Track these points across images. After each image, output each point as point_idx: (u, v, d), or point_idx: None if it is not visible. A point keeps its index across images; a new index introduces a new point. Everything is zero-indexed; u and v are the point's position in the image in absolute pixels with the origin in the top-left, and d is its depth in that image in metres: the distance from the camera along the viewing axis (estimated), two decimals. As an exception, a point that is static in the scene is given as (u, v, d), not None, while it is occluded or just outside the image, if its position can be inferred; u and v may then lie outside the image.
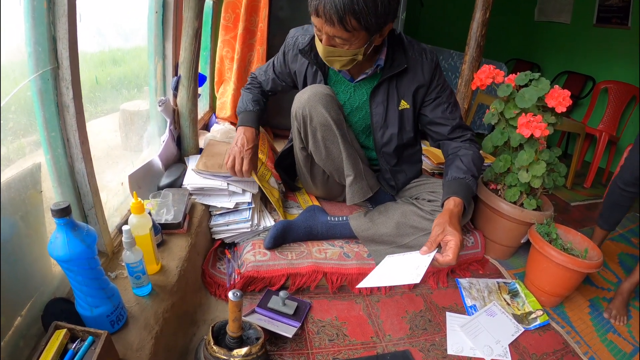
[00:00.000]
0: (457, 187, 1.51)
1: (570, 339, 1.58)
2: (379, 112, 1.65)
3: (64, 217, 0.84)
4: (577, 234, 1.81)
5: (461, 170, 1.55)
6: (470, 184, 1.53)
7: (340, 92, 1.69)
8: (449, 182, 1.55)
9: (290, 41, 1.71)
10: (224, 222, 1.70)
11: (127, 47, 1.60)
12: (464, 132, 1.68)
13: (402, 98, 1.63)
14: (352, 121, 1.74)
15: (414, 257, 1.34)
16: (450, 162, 1.62)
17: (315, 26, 1.35)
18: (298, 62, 1.71)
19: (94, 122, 1.37)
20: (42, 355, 0.84)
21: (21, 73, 0.94)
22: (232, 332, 1.16)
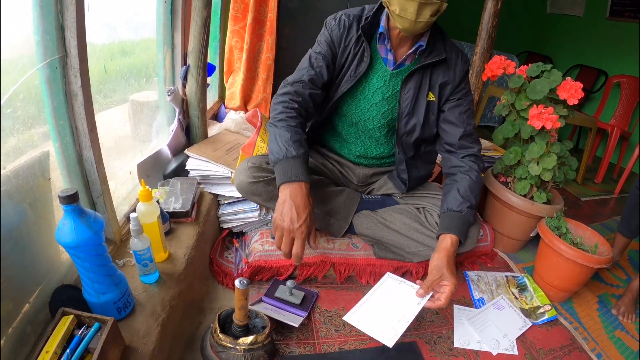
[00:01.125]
0: (453, 222, 1.47)
1: (578, 335, 1.57)
2: (407, 98, 1.56)
3: (71, 204, 0.84)
4: (587, 229, 1.79)
5: (457, 201, 1.50)
6: (466, 216, 1.49)
7: (375, 78, 1.56)
8: (445, 214, 1.51)
9: (332, 23, 1.53)
10: (232, 211, 1.70)
11: (137, 38, 1.60)
12: (472, 143, 1.61)
13: (430, 90, 1.57)
14: (381, 111, 1.61)
15: (408, 293, 1.39)
16: (448, 189, 1.57)
17: None
18: (342, 43, 1.53)
19: (104, 114, 1.37)
20: (48, 341, 0.85)
21: (29, 62, 0.94)
22: (238, 321, 1.16)
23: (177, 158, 1.74)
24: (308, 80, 1.51)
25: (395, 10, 1.33)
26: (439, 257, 1.38)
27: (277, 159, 1.37)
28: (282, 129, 1.41)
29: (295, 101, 1.47)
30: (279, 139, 1.39)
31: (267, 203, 1.56)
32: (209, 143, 1.86)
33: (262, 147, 1.74)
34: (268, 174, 1.51)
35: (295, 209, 1.29)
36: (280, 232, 1.30)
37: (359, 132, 1.68)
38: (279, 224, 1.30)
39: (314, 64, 1.52)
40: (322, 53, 1.52)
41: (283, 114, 1.45)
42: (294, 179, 1.33)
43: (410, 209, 1.69)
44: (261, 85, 2.54)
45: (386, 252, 1.67)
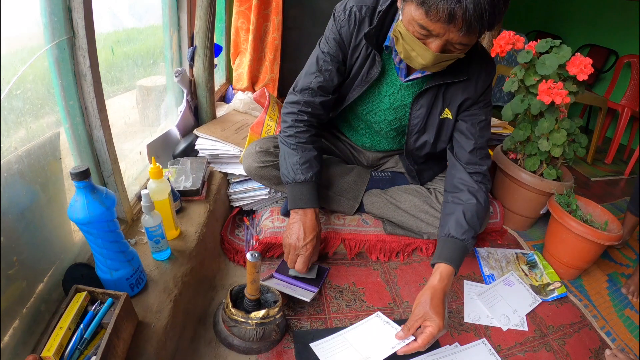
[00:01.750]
0: (454, 252, 1.33)
1: (587, 313, 1.57)
2: (419, 116, 1.46)
3: (83, 180, 0.85)
4: (597, 207, 1.78)
5: (461, 229, 1.35)
6: (468, 247, 1.36)
7: (385, 85, 1.45)
8: (446, 239, 1.36)
9: (341, 16, 1.35)
10: (242, 189, 1.71)
11: (142, 26, 1.59)
12: (481, 159, 1.48)
13: (447, 106, 1.44)
14: (388, 119, 1.53)
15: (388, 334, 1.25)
16: (451, 209, 1.42)
17: (427, 29, 1.09)
18: (353, 42, 1.38)
19: (112, 101, 1.37)
20: (62, 317, 0.86)
21: (38, 44, 0.94)
22: (250, 295, 1.17)
23: (186, 138, 1.75)
24: (317, 87, 1.43)
25: (400, 53, 1.23)
26: (426, 294, 1.24)
27: (286, 181, 1.43)
28: (291, 148, 1.43)
29: (305, 112, 1.44)
30: (288, 161, 1.43)
31: (276, 186, 1.58)
32: (218, 123, 1.86)
33: (270, 126, 1.74)
34: (276, 158, 1.52)
35: (303, 229, 1.38)
36: (287, 249, 1.40)
37: (368, 127, 1.63)
38: (286, 241, 1.40)
39: (322, 68, 1.42)
40: (332, 54, 1.40)
41: (292, 128, 1.44)
42: (302, 206, 1.42)
43: (420, 189, 1.68)
44: (268, 65, 2.52)
45: (397, 228, 1.67)
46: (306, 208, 1.41)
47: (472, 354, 1.30)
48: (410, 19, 1.10)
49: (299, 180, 1.40)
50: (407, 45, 1.17)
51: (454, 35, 1.07)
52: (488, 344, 1.34)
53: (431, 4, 1.01)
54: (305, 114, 1.44)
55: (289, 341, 1.25)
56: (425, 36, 1.11)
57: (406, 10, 1.11)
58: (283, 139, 1.45)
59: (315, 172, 1.43)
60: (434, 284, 1.26)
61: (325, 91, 1.44)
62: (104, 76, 1.12)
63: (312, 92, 1.43)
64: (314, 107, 1.44)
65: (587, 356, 1.37)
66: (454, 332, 1.37)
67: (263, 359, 1.19)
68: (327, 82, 1.43)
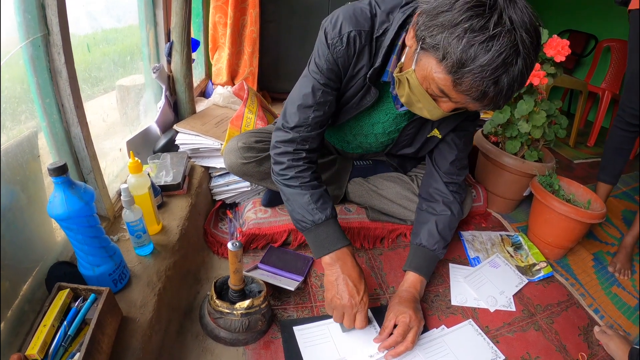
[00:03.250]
0: (423, 261, 1.36)
1: (574, 291, 1.58)
2: (408, 134, 1.43)
3: (60, 176, 0.84)
4: (579, 186, 1.79)
5: (433, 239, 1.37)
6: (438, 256, 1.38)
7: (379, 112, 1.38)
8: (417, 248, 1.39)
9: (338, 44, 1.16)
10: (224, 182, 1.71)
11: (121, 26, 1.57)
12: (459, 170, 1.47)
13: (437, 127, 1.39)
14: (379, 140, 1.50)
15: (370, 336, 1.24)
16: (424, 218, 1.43)
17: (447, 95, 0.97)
18: (350, 71, 1.22)
19: (93, 102, 1.37)
20: (45, 315, 0.85)
21: (13, 43, 0.93)
22: (233, 285, 1.16)
23: (166, 134, 1.74)
24: (314, 123, 1.27)
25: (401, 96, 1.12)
26: (394, 300, 1.26)
27: (305, 227, 1.27)
28: (297, 189, 1.27)
29: (302, 149, 1.29)
30: (297, 203, 1.27)
31: (260, 182, 1.54)
32: (198, 118, 1.85)
33: (250, 119, 1.73)
34: (259, 154, 1.47)
35: (352, 281, 1.20)
36: (341, 311, 1.20)
37: (355, 142, 1.56)
38: (338, 304, 1.19)
39: (320, 101, 1.24)
40: (330, 86, 1.24)
41: (291, 169, 1.28)
42: (335, 248, 1.24)
43: (402, 176, 1.69)
44: (247, 59, 2.52)
45: (379, 215, 1.68)
46: (339, 250, 1.24)
47: (459, 335, 1.30)
48: (428, 77, 0.96)
49: (319, 221, 1.24)
50: (413, 96, 1.06)
51: (474, 106, 0.98)
52: (475, 324, 1.34)
53: (464, 79, 0.88)
54: (303, 152, 1.29)
55: (276, 331, 1.25)
56: (439, 96, 1.00)
57: (424, 64, 0.96)
58: (284, 182, 1.29)
59: (332, 207, 1.29)
60: (402, 290, 1.31)
61: (322, 124, 1.30)
62: (84, 78, 1.12)
63: (308, 128, 1.27)
64: (311, 142, 1.30)
65: (576, 334, 1.38)
66: (441, 316, 1.37)
67: (250, 350, 1.18)
68: (325, 115, 1.28)
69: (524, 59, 0.85)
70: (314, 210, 1.24)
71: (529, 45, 0.85)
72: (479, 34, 0.82)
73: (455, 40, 0.85)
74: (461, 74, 0.87)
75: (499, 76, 0.86)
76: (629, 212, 2.28)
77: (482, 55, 0.83)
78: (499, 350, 1.26)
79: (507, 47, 0.83)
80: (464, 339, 1.29)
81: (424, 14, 0.92)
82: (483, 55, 0.83)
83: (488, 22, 0.82)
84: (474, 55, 0.84)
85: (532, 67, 0.89)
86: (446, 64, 0.88)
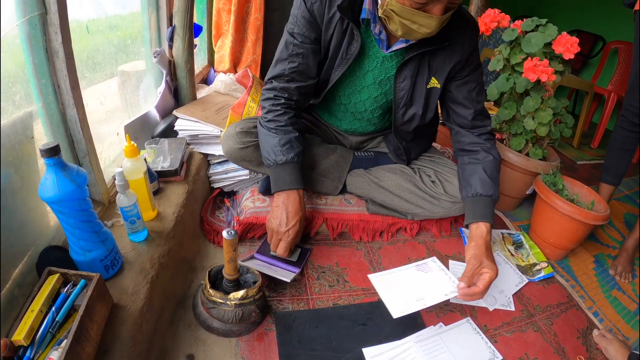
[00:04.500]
0: (486, 209, 1.37)
1: (574, 293, 1.57)
2: (404, 88, 1.41)
3: (52, 157, 0.82)
4: (583, 187, 1.78)
5: (486, 185, 1.39)
6: (496, 200, 1.41)
7: (366, 59, 1.40)
8: (475, 199, 1.40)
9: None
10: (223, 170, 1.69)
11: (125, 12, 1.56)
12: (484, 120, 1.49)
13: (433, 75, 1.40)
14: (372, 95, 1.48)
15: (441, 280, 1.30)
16: (472, 170, 1.45)
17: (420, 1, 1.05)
18: (325, 16, 1.30)
19: (92, 88, 1.35)
20: (34, 301, 0.84)
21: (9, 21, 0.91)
22: (228, 275, 1.14)
23: (166, 120, 1.72)
24: (290, 72, 1.38)
25: (396, 31, 1.18)
26: (476, 246, 1.29)
27: (268, 164, 1.40)
28: (271, 131, 1.40)
29: (281, 97, 1.41)
30: (268, 143, 1.39)
31: (257, 168, 1.54)
32: (198, 104, 1.83)
33: (252, 107, 1.71)
34: (257, 139, 1.48)
35: (287, 214, 1.35)
36: (270, 233, 1.38)
37: (348, 112, 1.58)
38: (269, 225, 1.37)
39: (293, 52, 1.36)
40: (304, 34, 1.34)
41: (270, 113, 1.41)
42: (285, 188, 1.38)
43: (405, 168, 1.65)
44: (250, 47, 2.49)
45: (380, 208, 1.65)
46: (289, 190, 1.38)
47: (457, 333, 1.29)
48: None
49: (280, 162, 1.37)
50: (405, 21, 1.11)
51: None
52: (473, 322, 1.33)
53: None
54: (282, 98, 1.40)
55: (270, 323, 1.23)
56: (424, 4, 1.05)
57: None
58: (262, 123, 1.42)
59: (297, 153, 1.39)
60: (480, 240, 1.31)
61: (302, 76, 1.40)
62: (85, 63, 1.11)
63: (286, 79, 1.39)
64: (290, 93, 1.41)
65: (574, 336, 1.37)
66: (439, 313, 1.36)
67: (244, 341, 1.16)
68: (302, 66, 1.38)
69: None
70: (279, 152, 1.36)
71: None
72: None
73: None
74: None
75: None
76: (631, 216, 2.26)
77: None
78: (496, 350, 1.24)
79: None
80: (461, 338, 1.27)
81: None
82: None
83: None
84: None
85: None
86: None
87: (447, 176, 1.59)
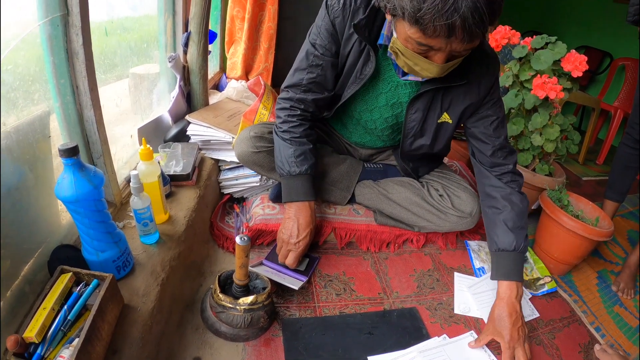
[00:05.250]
0: (511, 265, 1.31)
1: (577, 308, 1.57)
2: (415, 119, 1.40)
3: (71, 157, 0.83)
4: (588, 203, 1.79)
5: (509, 238, 1.33)
6: (522, 251, 1.34)
7: (381, 81, 1.37)
8: (497, 254, 1.36)
9: (335, 6, 1.25)
10: (233, 176, 1.70)
11: (136, 15, 1.58)
12: (505, 158, 1.41)
13: (445, 110, 1.38)
14: (384, 116, 1.47)
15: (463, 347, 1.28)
16: (492, 221, 1.40)
17: (427, 45, 1.01)
18: (346, 32, 1.28)
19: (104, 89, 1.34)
20: (46, 298, 0.84)
21: (32, 20, 0.92)
22: (238, 280, 1.15)
23: (178, 124, 1.73)
24: (308, 83, 1.37)
25: (402, 67, 1.16)
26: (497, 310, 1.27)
27: (281, 174, 1.42)
28: (286, 142, 1.40)
29: (297, 107, 1.41)
30: (282, 153, 1.40)
31: (268, 173, 1.55)
32: (210, 110, 1.84)
33: (264, 115, 1.73)
34: (270, 144, 1.49)
35: (298, 226, 1.37)
36: (280, 243, 1.39)
37: (361, 127, 1.58)
38: (279, 236, 1.40)
39: (313, 63, 1.34)
40: (325, 47, 1.31)
41: (286, 123, 1.41)
42: (297, 199, 1.40)
43: (413, 182, 1.66)
44: (263, 55, 2.51)
45: (387, 219, 1.66)
46: (301, 201, 1.40)
47: (461, 346, 1.28)
48: (406, 37, 1.02)
49: (293, 173, 1.39)
50: (408, 61, 1.10)
51: (457, 45, 0.98)
52: (476, 335, 1.33)
53: (426, 22, 0.92)
54: (298, 110, 1.40)
55: (277, 329, 1.23)
56: (426, 51, 1.04)
57: (399, 28, 1.04)
58: (278, 133, 1.42)
59: (311, 165, 1.41)
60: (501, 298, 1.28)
61: (319, 88, 1.39)
62: (98, 63, 1.11)
63: (303, 89, 1.38)
64: (306, 104, 1.41)
65: (576, 351, 1.37)
66: (443, 324, 1.36)
67: (250, 346, 1.17)
68: (320, 78, 1.36)
69: None
70: (293, 163, 1.38)
71: None
72: None
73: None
74: (422, 20, 0.92)
75: (453, 3, 0.88)
76: (634, 232, 2.26)
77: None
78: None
79: None
80: (465, 350, 1.27)
81: None
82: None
83: None
84: None
85: None
86: (409, 18, 0.95)
87: (455, 191, 1.59)
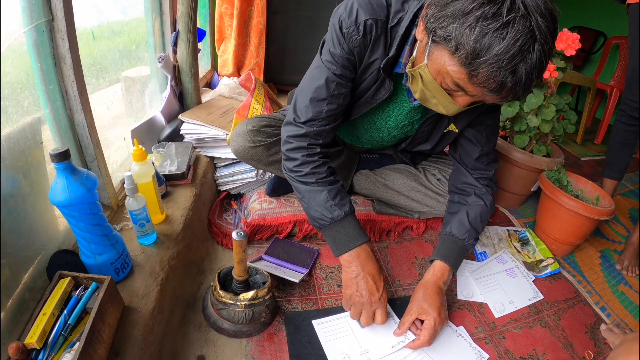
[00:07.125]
0: (452, 251, 1.29)
1: (581, 288, 1.56)
2: (424, 131, 1.38)
3: (63, 162, 0.83)
4: (588, 182, 1.78)
5: (463, 229, 1.31)
6: (467, 247, 1.32)
7: (393, 105, 1.32)
8: (446, 237, 1.33)
9: (353, 33, 1.09)
10: (229, 172, 1.70)
11: (126, 18, 1.57)
12: (487, 165, 1.40)
13: (453, 122, 1.33)
14: (392, 134, 1.43)
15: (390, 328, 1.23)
16: (455, 208, 1.38)
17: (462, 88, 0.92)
18: (366, 60, 1.16)
19: (97, 94, 1.36)
20: (46, 304, 0.84)
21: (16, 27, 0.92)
22: (237, 276, 1.15)
23: (171, 124, 1.73)
24: (327, 115, 1.20)
25: (414, 92, 1.08)
26: (419, 289, 1.23)
27: (323, 225, 1.23)
28: (313, 186, 1.22)
29: (316, 144, 1.23)
30: (314, 201, 1.22)
31: (266, 167, 1.50)
32: (203, 108, 1.84)
33: (257, 109, 1.72)
34: (267, 138, 1.43)
35: (372, 279, 1.19)
36: (359, 308, 1.19)
37: (364, 139, 1.53)
38: (357, 301, 1.18)
39: (334, 93, 1.18)
40: (345, 76, 1.17)
41: (306, 165, 1.22)
42: (355, 245, 1.21)
43: (410, 168, 1.66)
44: (253, 50, 2.51)
45: (386, 207, 1.66)
46: (359, 247, 1.21)
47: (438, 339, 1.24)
48: (442, 70, 0.92)
49: (339, 218, 1.20)
50: (427, 91, 1.02)
51: (491, 98, 0.92)
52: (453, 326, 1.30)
53: (479, 70, 0.84)
54: (317, 147, 1.23)
55: (279, 323, 1.23)
56: (454, 90, 0.96)
57: (437, 57, 0.92)
58: (298, 179, 1.24)
59: (350, 202, 1.25)
60: (427, 279, 1.25)
61: (337, 117, 1.24)
62: (89, 70, 1.11)
63: (321, 122, 1.21)
64: (325, 136, 1.25)
65: (582, 331, 1.37)
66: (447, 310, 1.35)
67: (254, 342, 1.17)
68: (340, 108, 1.22)
69: (542, 45, 0.81)
70: (333, 207, 1.20)
71: (546, 30, 0.81)
72: (492, 21, 0.79)
73: (468, 30, 0.81)
74: (476, 65, 0.83)
75: (516, 65, 0.81)
76: (635, 210, 2.26)
77: (497, 44, 0.79)
78: (482, 350, 1.22)
79: (523, 33, 0.79)
80: (443, 343, 1.23)
81: (432, 5, 0.89)
82: (498, 43, 0.79)
83: (501, 9, 0.79)
84: (489, 44, 0.80)
85: (550, 53, 0.85)
86: (460, 55, 0.84)
87: None
